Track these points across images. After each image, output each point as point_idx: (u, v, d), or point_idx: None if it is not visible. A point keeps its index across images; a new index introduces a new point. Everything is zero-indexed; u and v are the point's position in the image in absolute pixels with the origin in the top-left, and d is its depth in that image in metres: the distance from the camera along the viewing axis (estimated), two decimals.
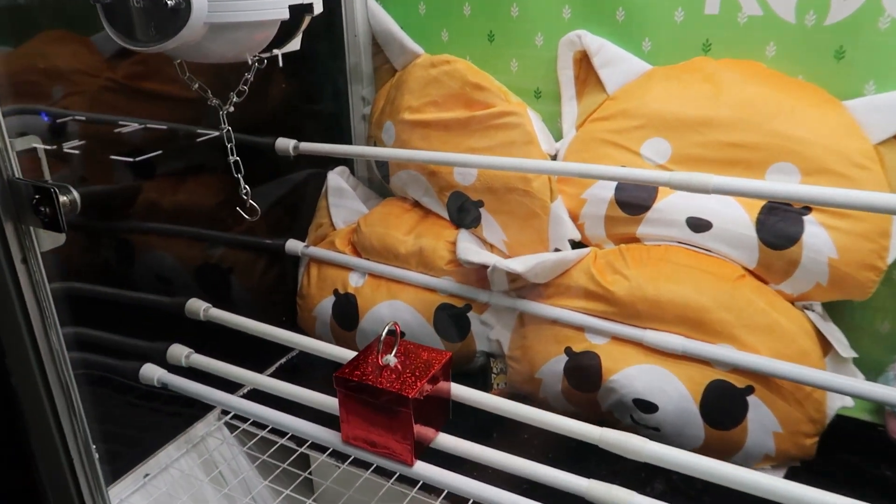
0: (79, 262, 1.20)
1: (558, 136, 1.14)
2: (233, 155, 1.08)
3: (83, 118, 1.11)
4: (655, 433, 1.00)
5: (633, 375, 0.98)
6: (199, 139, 1.26)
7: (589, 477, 0.80)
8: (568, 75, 1.11)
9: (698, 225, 0.99)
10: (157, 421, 1.15)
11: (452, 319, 1.14)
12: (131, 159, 1.20)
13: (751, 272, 0.98)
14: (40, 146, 0.70)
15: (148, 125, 1.19)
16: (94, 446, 0.80)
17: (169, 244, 1.30)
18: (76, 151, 1.11)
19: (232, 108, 0.98)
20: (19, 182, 0.66)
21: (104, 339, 1.13)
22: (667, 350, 0.97)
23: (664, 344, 0.97)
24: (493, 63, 1.16)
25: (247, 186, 1.02)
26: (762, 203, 0.95)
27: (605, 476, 0.99)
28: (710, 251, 1.00)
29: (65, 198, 0.66)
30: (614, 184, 1.05)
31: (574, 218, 1.08)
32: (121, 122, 1.17)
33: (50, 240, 0.71)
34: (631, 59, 1.07)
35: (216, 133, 1.19)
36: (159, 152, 1.23)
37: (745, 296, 0.95)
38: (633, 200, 1.02)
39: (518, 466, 0.83)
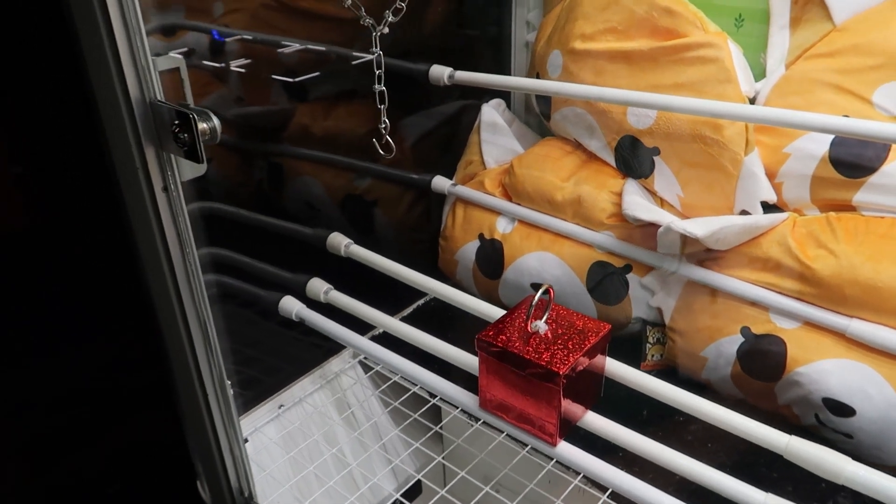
0: (233, 182, 1.20)
1: (760, 75, 0.95)
2: (379, 83, 1.00)
3: (250, 37, 1.08)
4: (847, 440, 0.84)
5: (827, 371, 0.82)
6: (352, 62, 1.20)
7: (757, 482, 0.67)
8: None
9: None
10: (294, 352, 1.14)
11: (609, 279, 1.02)
12: (291, 80, 1.17)
13: None
14: (184, 68, 0.65)
15: (307, 46, 1.15)
16: (229, 382, 0.79)
17: (317, 171, 1.27)
18: (241, 70, 1.09)
19: (386, 30, 0.89)
20: (161, 105, 0.61)
21: (247, 264, 1.12)
22: (878, 346, 0.79)
23: (875, 338, 0.79)
24: None
25: (387, 121, 0.94)
26: None
27: (777, 482, 0.86)
28: None
29: (204, 125, 0.61)
30: (828, 137, 0.85)
31: (770, 176, 0.90)
32: (282, 43, 1.13)
33: (191, 169, 0.67)
34: None
35: (370, 57, 1.12)
36: (316, 74, 1.19)
37: None
38: (855, 160, 0.83)
39: (679, 465, 0.71)
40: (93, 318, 0.98)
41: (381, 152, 0.97)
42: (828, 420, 0.84)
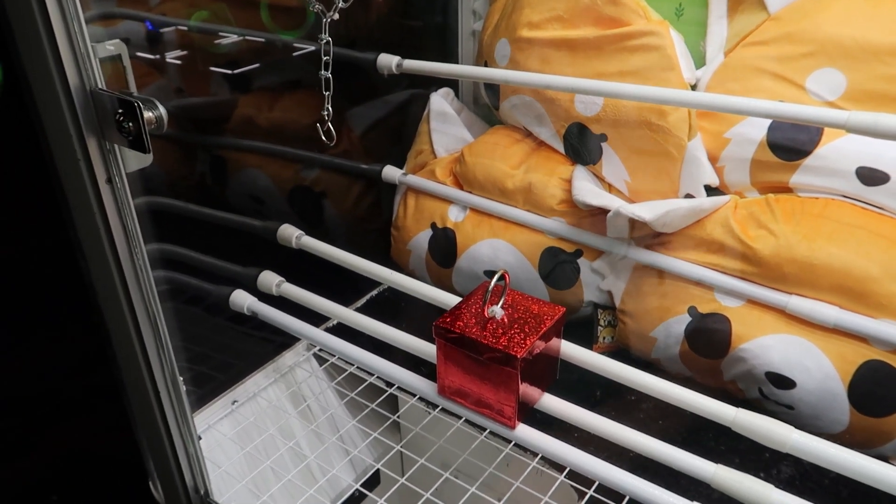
0: (174, 177, 1.16)
1: (700, 63, 0.98)
2: (326, 70, 0.98)
3: (184, 28, 1.05)
4: (788, 411, 0.88)
5: (769, 345, 0.86)
6: (296, 52, 1.18)
7: (705, 454, 0.70)
8: None
9: (871, 177, 0.83)
10: (246, 347, 1.12)
11: (560, 265, 1.03)
12: (229, 71, 1.14)
13: None
14: (126, 54, 0.63)
15: (247, 37, 1.12)
16: (182, 378, 0.77)
17: (263, 163, 1.25)
18: (177, 61, 1.06)
19: (336, 16, 0.88)
20: (102, 93, 0.59)
21: (195, 259, 1.09)
22: (815, 321, 0.83)
23: (813, 314, 0.83)
24: None
25: (330, 108, 0.93)
26: None
27: (724, 454, 0.90)
28: (882, 209, 0.84)
29: (150, 113, 0.59)
30: (766, 122, 0.89)
31: (712, 160, 0.94)
32: (220, 34, 1.11)
33: (136, 160, 0.65)
34: None
35: (314, 47, 1.11)
36: (257, 65, 1.17)
37: None
38: (791, 143, 0.87)
39: (632, 440, 0.73)
40: (33, 317, 0.95)
41: (324, 139, 0.96)
42: (770, 393, 0.88)
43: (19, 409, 1.02)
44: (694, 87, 0.96)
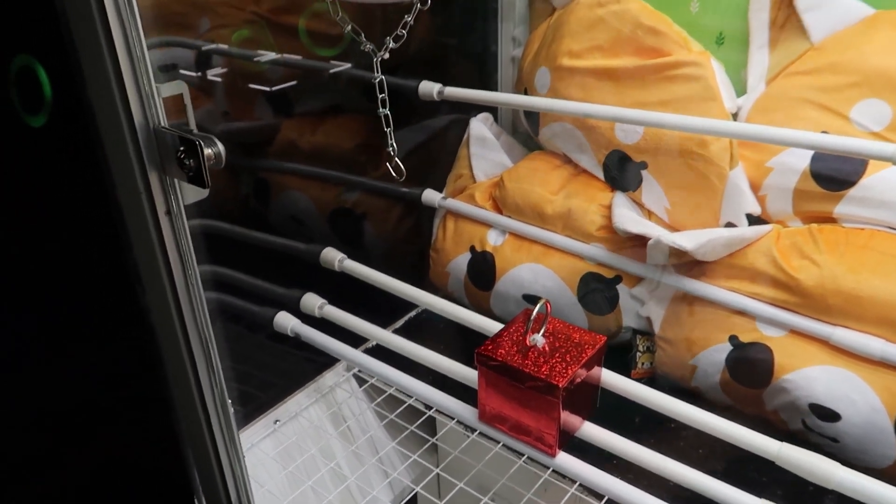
0: (219, 199, 1.20)
1: (741, 91, 0.98)
2: (384, 108, 1.01)
3: (233, 53, 1.09)
4: (832, 443, 0.87)
5: (813, 377, 0.85)
6: (340, 79, 1.22)
7: (747, 486, 0.69)
8: (762, 18, 0.94)
9: None
10: (287, 367, 1.15)
11: (600, 290, 1.04)
12: (268, 89, 1.18)
13: None
14: (187, 93, 0.66)
15: (287, 62, 1.16)
16: (230, 400, 0.79)
17: (305, 185, 1.28)
18: (218, 78, 1.09)
19: (387, 55, 0.91)
20: (165, 132, 0.62)
21: (240, 280, 1.13)
22: (861, 353, 0.82)
23: (858, 346, 0.82)
24: (671, 2, 1.00)
25: (394, 144, 0.96)
26: None
27: (767, 486, 0.89)
28: None
29: (209, 150, 0.62)
30: (809, 152, 0.89)
31: (754, 189, 0.93)
32: (264, 58, 1.14)
33: (194, 193, 0.68)
34: (846, 1, 0.88)
35: (355, 69, 1.13)
36: (301, 87, 1.20)
37: None
38: (835, 174, 0.86)
39: (672, 471, 0.73)
40: (92, 339, 0.98)
41: (394, 174, 0.98)
42: (814, 425, 0.87)
43: (65, 419, 1.06)
44: (735, 117, 0.96)
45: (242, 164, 1.25)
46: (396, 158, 0.96)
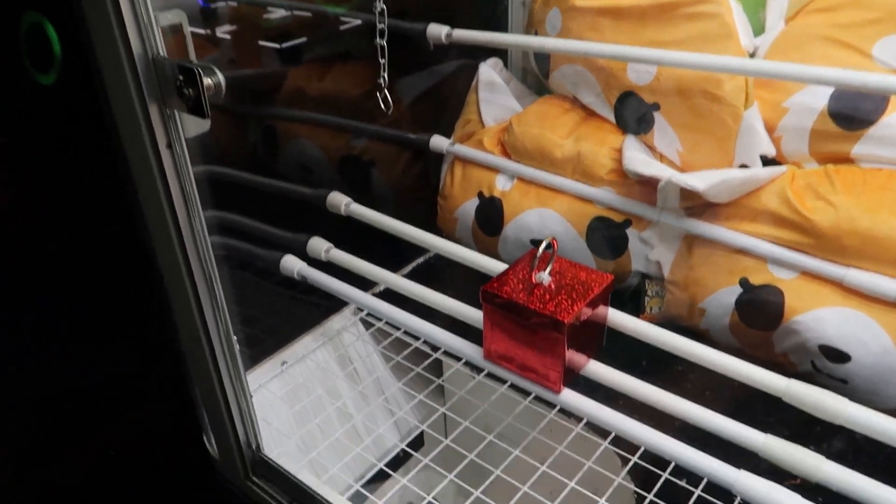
0: (225, 146, 1.19)
1: (759, 31, 0.95)
2: (381, 38, 0.99)
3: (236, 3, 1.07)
4: (841, 385, 0.86)
5: (824, 318, 0.84)
6: (346, 25, 1.19)
7: (752, 424, 0.69)
8: None
9: None
10: (295, 311, 1.15)
11: (608, 235, 1.03)
12: (278, 45, 1.16)
13: None
14: (186, 23, 0.64)
15: (295, 11, 1.14)
16: (235, 337, 0.79)
17: (313, 133, 1.27)
18: (227, 36, 1.08)
19: None
20: (164, 61, 0.61)
21: (247, 225, 1.12)
22: (873, 294, 0.81)
23: (872, 286, 0.81)
24: None
25: (385, 76, 0.94)
26: None
27: (774, 426, 0.88)
28: None
29: (209, 80, 0.61)
30: (827, 91, 0.86)
31: (769, 130, 0.91)
32: (270, 5, 1.12)
33: (194, 125, 0.67)
34: None
35: (359, 22, 1.11)
36: (304, 39, 1.18)
37: None
38: (853, 112, 0.84)
39: (678, 408, 0.73)
40: (94, 278, 0.99)
41: (382, 106, 0.96)
42: (823, 366, 0.86)
43: (89, 375, 1.07)
44: (752, 56, 0.94)
45: (250, 112, 1.24)
46: (386, 90, 0.94)
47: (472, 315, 0.87)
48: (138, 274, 0.89)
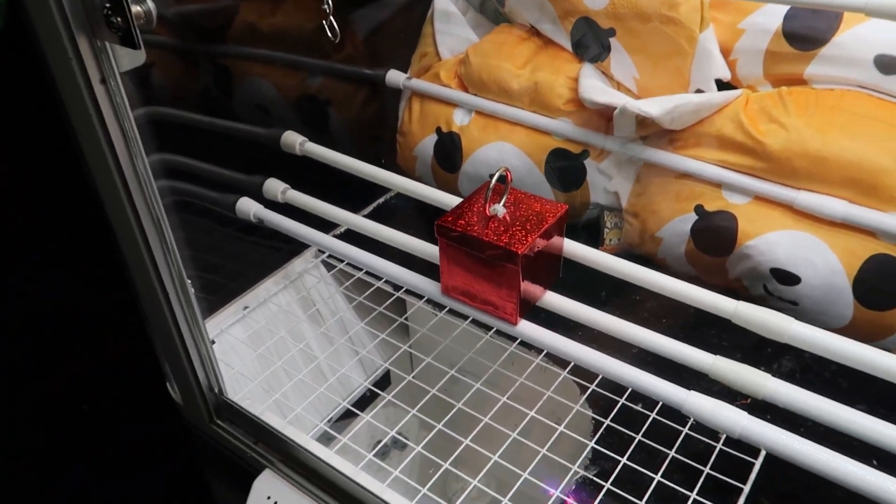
0: (177, 88, 1.15)
1: None
2: None
3: None
4: (792, 307, 0.88)
5: (775, 241, 0.85)
6: None
7: (706, 349, 0.70)
8: None
9: (890, 65, 0.79)
10: (256, 256, 1.14)
11: (566, 167, 1.02)
12: None
13: None
14: None
15: None
16: (189, 281, 0.78)
17: (268, 71, 1.23)
18: None
19: None
20: None
21: (201, 168, 1.09)
22: (823, 216, 0.82)
23: (821, 208, 0.82)
24: None
25: (331, 2, 0.91)
26: None
27: (727, 349, 0.91)
28: None
29: (138, 7, 0.58)
30: (782, 11, 0.85)
31: (725, 53, 0.90)
32: None
33: (129, 58, 0.64)
34: None
35: None
36: None
37: None
38: (807, 32, 0.83)
39: (633, 334, 0.74)
40: (41, 223, 0.96)
41: (329, 34, 0.93)
42: (775, 289, 0.88)
43: (45, 326, 1.05)
44: None
45: (198, 50, 1.19)
46: (332, 17, 0.91)
47: (433, 252, 0.86)
48: (90, 217, 0.86)
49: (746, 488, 0.72)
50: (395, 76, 1.20)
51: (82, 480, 1.17)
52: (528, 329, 0.77)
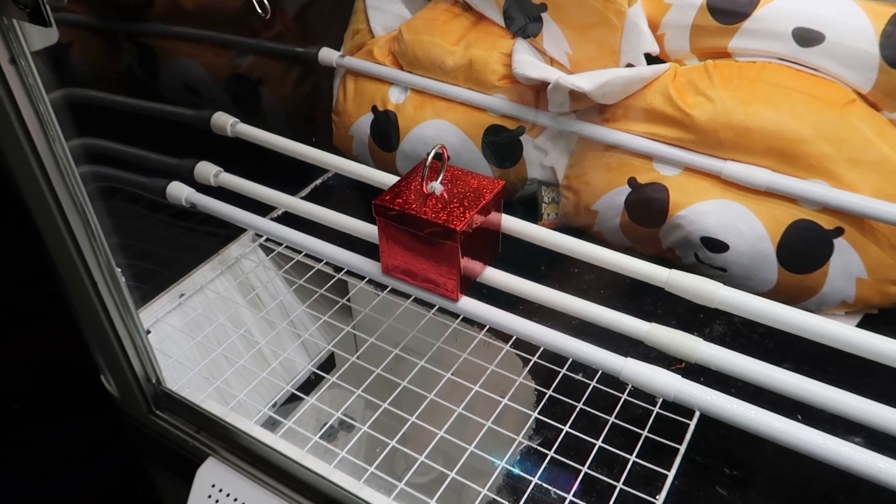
0: (98, 69, 1.10)
1: None
2: None
3: None
4: (721, 273, 0.91)
5: (704, 211, 0.88)
6: None
7: (643, 317, 0.72)
8: None
9: (807, 38, 0.82)
10: (190, 241, 1.11)
11: (503, 143, 1.03)
12: None
13: (863, 97, 0.83)
14: None
15: None
16: (118, 270, 0.75)
17: (195, 51, 1.19)
18: None
19: None
20: None
21: (128, 153, 1.05)
22: (748, 184, 0.85)
23: (746, 177, 0.85)
24: None
25: None
26: (894, 11, 0.78)
27: (663, 317, 0.94)
28: (816, 70, 0.84)
29: None
30: None
31: (653, 28, 0.92)
32: None
33: (40, 37, 0.61)
34: None
35: None
36: None
37: (851, 125, 0.81)
38: (729, 6, 0.85)
39: (572, 306, 0.76)
40: None
41: (258, 10, 0.91)
42: (705, 257, 0.91)
43: None
44: None
45: (120, 29, 1.13)
46: None
47: (372, 232, 0.86)
48: (8, 205, 0.82)
49: (682, 448, 0.75)
50: (328, 54, 1.17)
51: (17, 480, 1.13)
52: (469, 305, 0.78)
